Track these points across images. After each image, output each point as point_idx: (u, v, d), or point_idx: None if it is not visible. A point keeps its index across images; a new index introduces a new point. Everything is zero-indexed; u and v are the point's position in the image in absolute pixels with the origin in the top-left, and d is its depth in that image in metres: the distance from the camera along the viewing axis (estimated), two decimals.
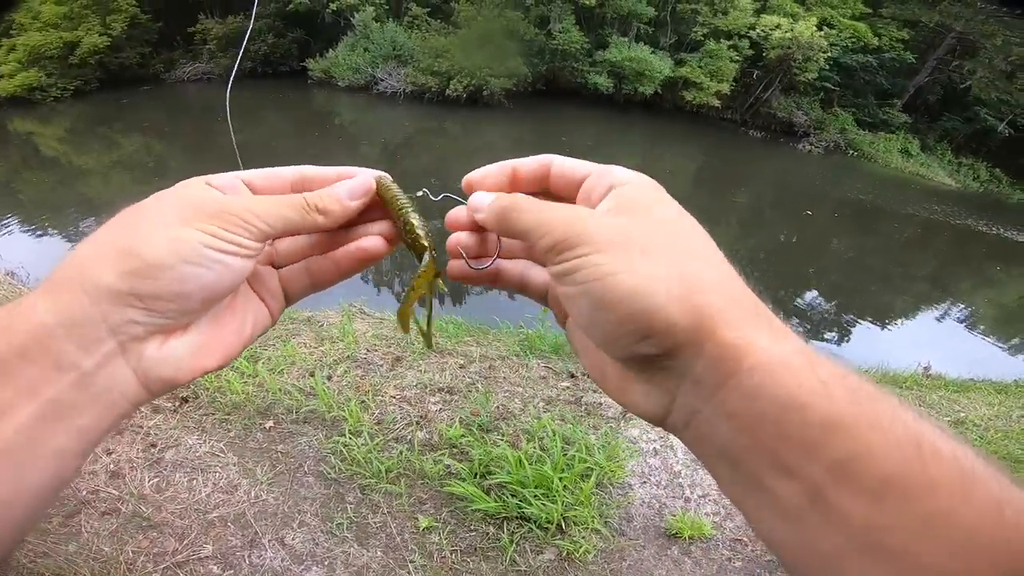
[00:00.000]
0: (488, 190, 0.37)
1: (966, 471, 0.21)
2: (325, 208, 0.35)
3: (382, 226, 0.39)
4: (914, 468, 0.21)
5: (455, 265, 0.38)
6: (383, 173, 0.39)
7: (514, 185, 0.37)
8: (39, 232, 7.63)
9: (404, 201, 0.37)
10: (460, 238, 0.38)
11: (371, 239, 0.38)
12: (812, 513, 0.23)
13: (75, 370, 0.27)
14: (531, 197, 0.34)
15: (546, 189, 0.37)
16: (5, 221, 7.89)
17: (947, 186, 16.84)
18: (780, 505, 0.24)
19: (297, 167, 0.38)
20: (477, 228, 0.38)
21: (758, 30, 16.28)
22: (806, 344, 0.27)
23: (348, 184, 0.37)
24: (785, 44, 15.85)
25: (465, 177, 0.38)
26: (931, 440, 0.22)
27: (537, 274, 0.38)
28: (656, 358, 0.28)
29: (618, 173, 0.33)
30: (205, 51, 15.86)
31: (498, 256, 0.38)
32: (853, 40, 16.70)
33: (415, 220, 0.37)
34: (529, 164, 0.37)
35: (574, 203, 0.35)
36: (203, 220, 0.31)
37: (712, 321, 0.26)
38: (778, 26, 15.97)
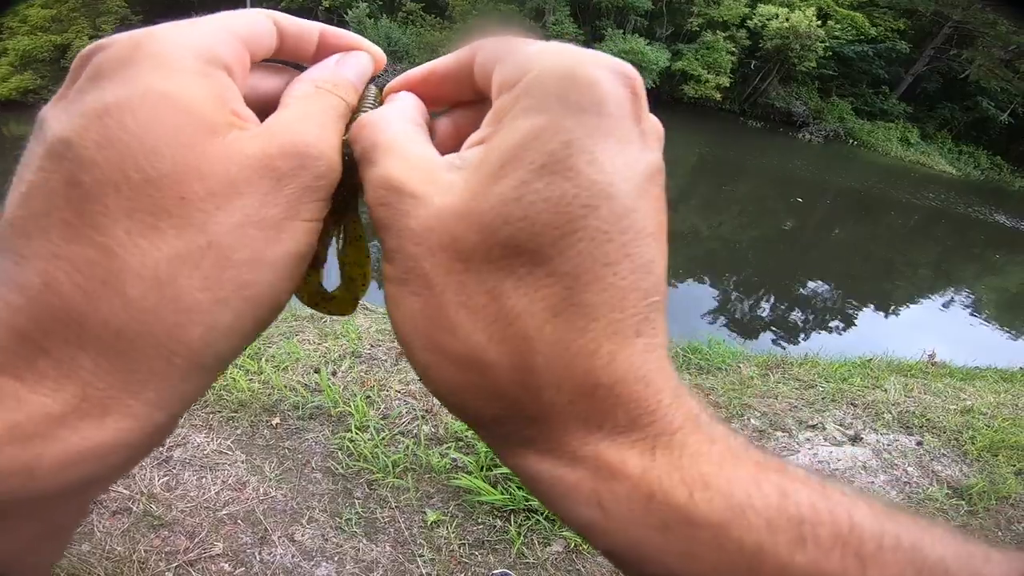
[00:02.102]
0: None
1: None
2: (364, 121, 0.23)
3: None
4: None
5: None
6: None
7: (431, 93, 0.25)
8: None
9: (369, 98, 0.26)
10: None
11: None
12: None
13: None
14: (383, 125, 0.22)
15: (478, 94, 0.24)
16: None
17: (948, 174, 16.83)
18: None
19: (267, 13, 0.23)
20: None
21: (755, 19, 16.24)
22: (659, 427, 0.19)
23: (350, 68, 0.25)
24: (783, 34, 15.80)
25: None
26: (778, 563, 0.17)
27: None
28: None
29: (520, 60, 0.20)
30: None
31: None
32: (851, 30, 16.65)
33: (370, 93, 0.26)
34: (448, 60, 0.25)
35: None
36: (301, 203, 0.20)
37: (472, 410, 0.20)
38: (775, 16, 15.92)
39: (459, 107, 0.26)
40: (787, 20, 15.72)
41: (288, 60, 0.25)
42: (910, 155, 17.37)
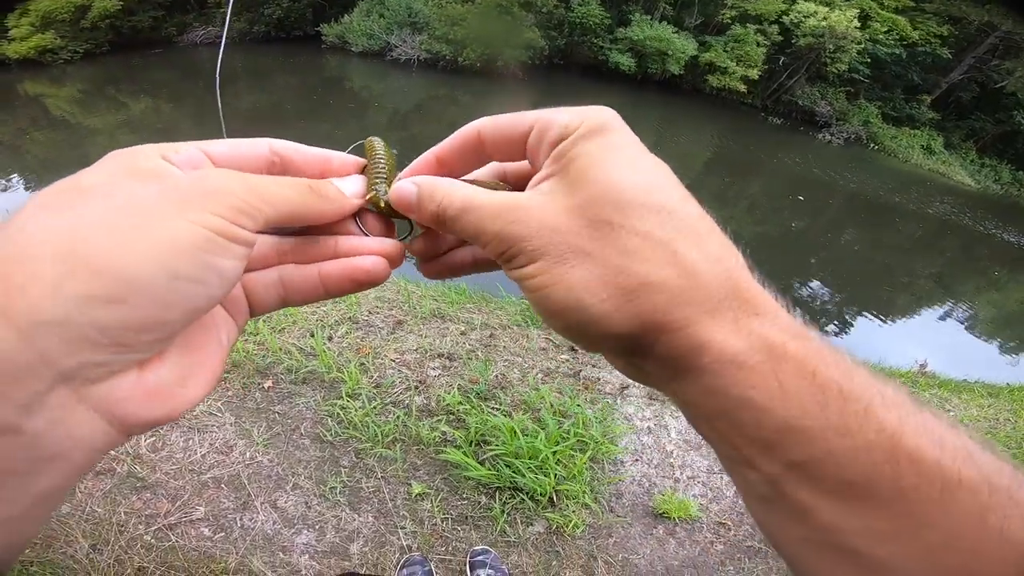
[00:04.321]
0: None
1: (949, 478, 0.20)
2: (327, 194, 0.29)
3: (384, 244, 0.31)
4: (883, 474, 0.20)
5: (426, 268, 0.34)
6: (373, 138, 0.33)
7: (446, 171, 0.32)
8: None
9: (382, 168, 0.32)
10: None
11: (372, 260, 0.31)
12: (777, 502, 0.23)
13: (13, 433, 0.19)
14: (461, 191, 0.28)
15: (488, 160, 0.32)
16: (11, 179, 7.92)
17: (966, 186, 16.51)
18: (752, 489, 0.24)
19: (269, 141, 0.30)
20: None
21: (791, 16, 15.79)
22: (787, 322, 0.24)
23: (345, 181, 0.31)
24: (818, 32, 15.37)
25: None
26: (912, 445, 0.20)
27: None
28: (612, 351, 0.27)
29: (562, 122, 0.27)
30: (219, 14, 15.57)
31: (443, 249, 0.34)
32: (890, 34, 16.17)
33: (379, 169, 0.32)
34: (454, 142, 0.31)
35: (524, 164, 0.31)
36: (198, 207, 0.22)
37: (657, 323, 0.24)
38: (813, 13, 15.47)
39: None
40: (825, 19, 15.27)
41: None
42: (930, 163, 17.00)
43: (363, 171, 0.33)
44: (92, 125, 10.47)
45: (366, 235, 0.32)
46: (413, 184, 0.30)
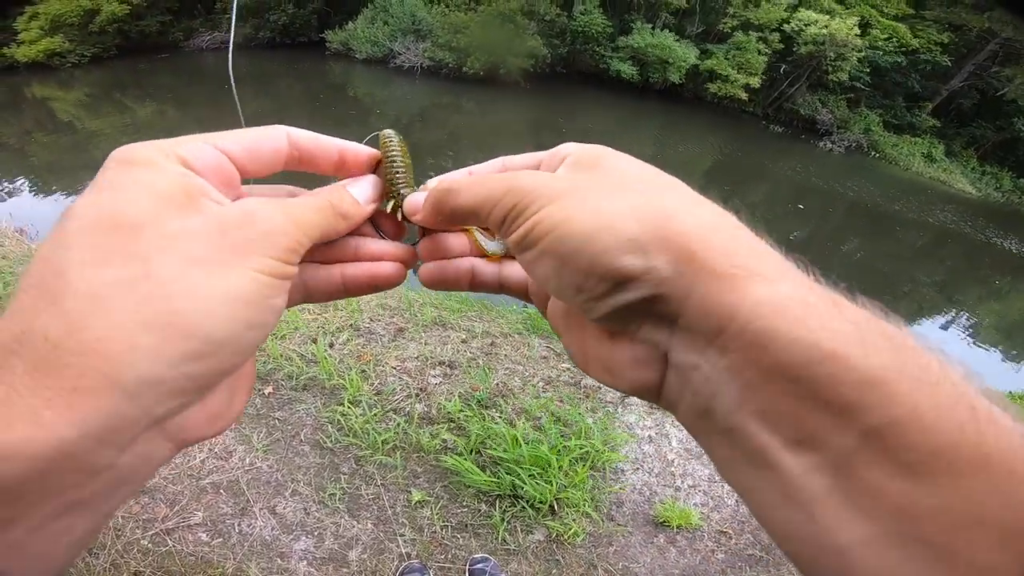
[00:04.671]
0: None
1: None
2: (347, 213, 0.30)
3: (400, 249, 0.33)
4: (968, 438, 0.17)
5: (424, 271, 0.34)
6: (387, 131, 0.33)
7: None
8: (49, 192, 7.70)
9: (400, 169, 0.33)
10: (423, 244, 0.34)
11: (391, 266, 0.32)
12: (831, 496, 0.18)
13: (109, 470, 0.21)
14: (466, 173, 0.31)
15: None
16: (16, 182, 7.97)
17: (967, 194, 16.51)
18: (792, 487, 0.19)
19: (287, 130, 0.30)
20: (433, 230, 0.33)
21: (792, 24, 15.87)
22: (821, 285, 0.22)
23: (359, 187, 0.32)
24: (819, 40, 15.45)
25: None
26: (986, 405, 0.17)
27: (514, 271, 0.34)
28: (639, 306, 0.23)
29: (565, 149, 0.29)
30: (225, 20, 15.71)
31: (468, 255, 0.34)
32: (891, 41, 16.24)
33: (400, 176, 0.33)
34: (484, 166, 0.33)
35: None
36: (255, 253, 0.23)
37: (696, 250, 0.21)
38: (814, 21, 15.55)
39: None
40: (826, 27, 15.35)
41: (313, 172, 0.32)
42: (931, 171, 17.01)
43: (376, 167, 0.33)
44: (97, 129, 10.53)
45: (381, 237, 0.33)
46: (424, 190, 0.32)
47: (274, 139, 0.29)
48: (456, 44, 14.57)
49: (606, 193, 0.24)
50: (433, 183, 0.32)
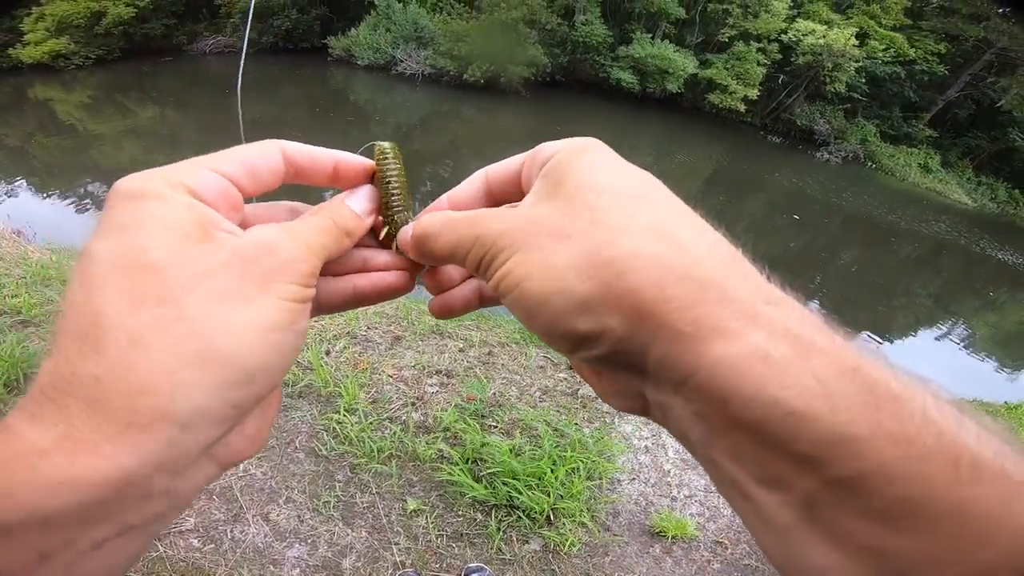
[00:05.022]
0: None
1: (1012, 489, 0.17)
2: (350, 229, 0.30)
3: (405, 259, 0.33)
4: (941, 488, 0.17)
5: (432, 305, 0.34)
6: (383, 144, 0.33)
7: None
8: (48, 194, 7.70)
9: (396, 190, 0.33)
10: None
11: (397, 275, 0.33)
12: (803, 528, 0.19)
13: (164, 496, 0.23)
14: (441, 214, 0.29)
15: (496, 202, 0.32)
16: (15, 183, 7.97)
17: (963, 204, 16.61)
18: (765, 516, 0.20)
19: (280, 145, 0.29)
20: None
21: (790, 34, 16.02)
22: (808, 315, 0.21)
23: (356, 200, 0.32)
24: (816, 51, 15.58)
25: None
26: (973, 452, 0.17)
27: None
28: (604, 357, 0.23)
29: (546, 151, 0.28)
30: (229, 24, 15.82)
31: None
32: (888, 51, 16.40)
33: (397, 201, 0.33)
34: (465, 186, 0.33)
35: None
36: (279, 282, 0.24)
37: (650, 308, 0.20)
38: (812, 31, 15.69)
39: None
40: (823, 36, 15.49)
41: (309, 185, 0.32)
42: (927, 182, 17.12)
43: (372, 177, 0.33)
44: (99, 131, 10.56)
45: (381, 247, 0.34)
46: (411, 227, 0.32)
47: (271, 159, 0.29)
48: (457, 52, 14.67)
49: (561, 240, 0.23)
50: (409, 226, 0.31)
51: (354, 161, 0.32)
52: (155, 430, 0.21)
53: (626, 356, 0.22)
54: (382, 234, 0.33)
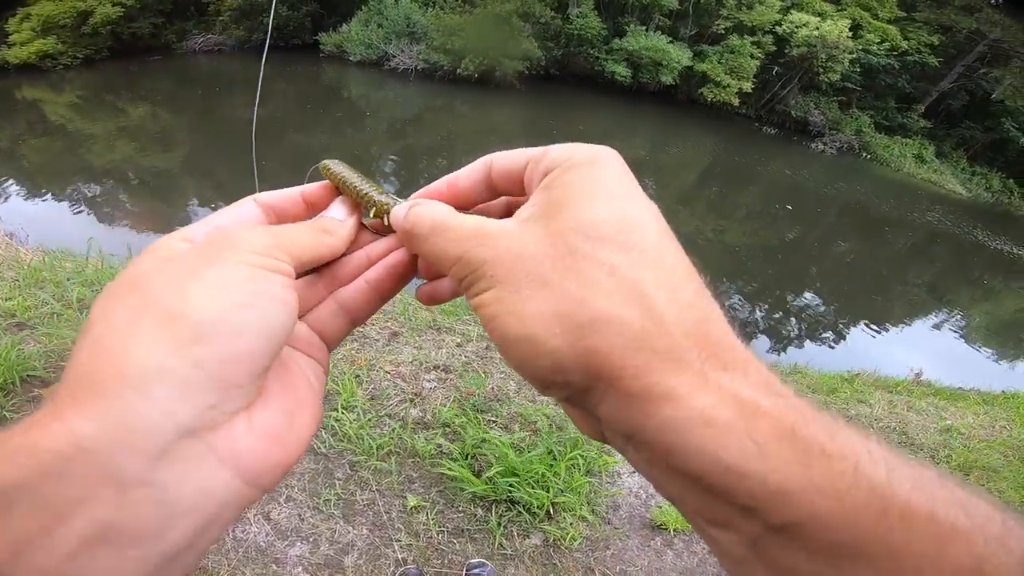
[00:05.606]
0: None
1: (943, 532, 0.19)
2: (328, 227, 0.31)
3: (389, 241, 0.34)
4: (873, 534, 0.19)
5: (420, 292, 0.35)
6: (323, 161, 0.35)
7: (457, 199, 0.32)
8: (39, 196, 7.63)
9: (355, 178, 0.34)
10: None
11: (402, 253, 0.33)
12: (755, 562, 0.21)
13: (144, 487, 0.20)
14: (432, 212, 0.29)
15: (496, 193, 0.33)
16: (6, 185, 7.90)
17: (957, 194, 16.69)
18: (722, 550, 0.22)
19: (253, 197, 0.32)
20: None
21: (784, 26, 16.00)
22: (761, 378, 0.22)
23: (331, 210, 0.34)
24: (810, 43, 15.58)
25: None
26: (903, 501, 0.19)
27: None
28: (568, 400, 0.25)
29: (552, 155, 0.27)
30: (218, 22, 15.66)
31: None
32: (883, 45, 16.41)
33: (366, 187, 0.34)
34: (468, 172, 0.32)
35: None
36: (234, 251, 0.25)
37: (610, 368, 0.22)
38: (806, 23, 15.69)
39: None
40: (817, 28, 15.48)
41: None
42: (922, 172, 17.19)
43: (337, 193, 0.35)
44: (90, 131, 10.45)
45: (379, 235, 0.35)
46: (406, 205, 0.31)
47: (246, 207, 0.31)
48: (451, 46, 14.58)
49: (539, 287, 0.24)
50: (403, 208, 0.31)
51: (313, 185, 0.35)
52: (112, 392, 0.20)
53: (583, 404, 0.24)
54: (370, 220, 0.34)
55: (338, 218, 0.33)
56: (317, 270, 0.33)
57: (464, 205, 0.32)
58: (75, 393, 0.21)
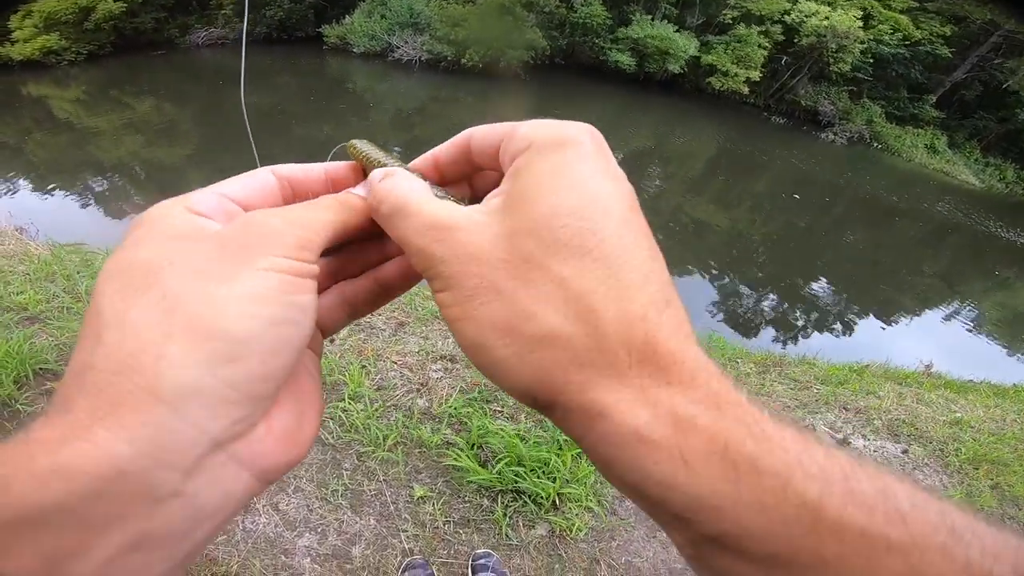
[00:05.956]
0: None
1: (876, 545, 0.19)
2: (354, 204, 0.29)
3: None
4: (804, 546, 0.19)
5: None
6: (352, 141, 0.33)
7: (439, 176, 0.31)
8: (48, 191, 7.70)
9: (381, 155, 0.32)
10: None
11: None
12: (700, 562, 0.22)
13: (176, 499, 0.21)
14: (397, 191, 0.27)
15: (478, 169, 0.31)
16: (15, 181, 7.97)
17: (970, 185, 16.44)
18: (679, 548, 0.23)
19: (272, 168, 0.30)
20: None
21: (793, 15, 15.75)
22: (702, 393, 0.22)
23: (358, 189, 0.31)
24: (820, 32, 15.33)
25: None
26: (835, 516, 0.19)
27: None
28: (522, 400, 0.25)
29: (520, 135, 0.26)
30: (220, 16, 15.64)
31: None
32: (895, 34, 16.11)
33: (392, 163, 0.32)
34: (449, 146, 0.31)
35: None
36: (260, 254, 0.24)
37: (555, 382, 0.22)
38: (815, 13, 15.43)
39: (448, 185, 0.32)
40: (827, 18, 15.23)
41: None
42: (934, 163, 16.93)
43: (364, 173, 0.33)
44: (96, 126, 10.51)
45: None
46: (379, 173, 0.29)
47: (261, 176, 0.30)
48: (455, 37, 14.48)
49: (492, 294, 0.23)
50: (376, 176, 0.29)
51: (340, 164, 0.33)
52: (144, 411, 0.20)
53: (536, 408, 0.25)
54: None
55: (359, 193, 0.31)
56: (327, 253, 0.31)
57: (446, 182, 0.31)
58: (98, 406, 0.20)
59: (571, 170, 0.24)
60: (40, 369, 2.02)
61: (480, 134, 0.29)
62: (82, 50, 13.45)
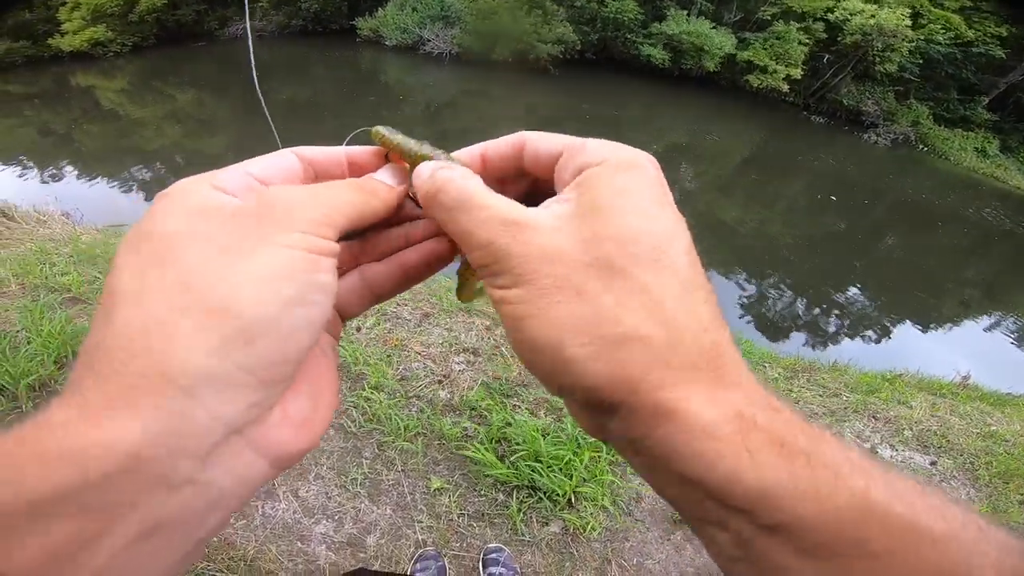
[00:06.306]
0: None
1: (922, 535, 0.20)
2: (376, 190, 0.29)
3: (431, 224, 0.32)
4: (854, 536, 0.20)
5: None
6: (376, 127, 0.33)
7: (485, 174, 0.31)
8: (92, 178, 8.04)
9: (414, 145, 0.32)
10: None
11: (439, 242, 0.32)
12: (748, 561, 0.23)
13: (192, 485, 0.21)
14: (460, 184, 0.27)
15: (523, 174, 0.31)
16: (62, 167, 8.34)
17: (1022, 191, 15.58)
18: (722, 549, 0.24)
19: (295, 150, 0.30)
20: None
21: (837, 13, 15.16)
22: (757, 395, 0.24)
23: (381, 174, 0.32)
24: (865, 31, 14.72)
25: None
26: (883, 507, 0.21)
27: None
28: (577, 403, 0.26)
29: (591, 150, 0.27)
30: (258, 9, 16.01)
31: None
32: (946, 33, 15.33)
33: (416, 146, 0.31)
34: (500, 144, 0.31)
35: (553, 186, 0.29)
36: (281, 230, 0.23)
37: (633, 380, 0.23)
38: (860, 11, 14.82)
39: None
40: (873, 16, 14.61)
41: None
42: (984, 167, 16.09)
43: (386, 158, 0.33)
44: (140, 116, 10.92)
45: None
46: (433, 164, 0.29)
47: (284, 157, 0.30)
48: (485, 30, 14.47)
49: (572, 295, 0.24)
50: (430, 167, 0.29)
51: (363, 148, 0.32)
52: (157, 394, 0.20)
53: (596, 406, 0.25)
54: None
55: (386, 181, 0.31)
56: (350, 237, 0.31)
57: (489, 181, 0.30)
58: (110, 389, 0.20)
59: (641, 192, 0.26)
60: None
61: (536, 140, 0.30)
62: (127, 42, 14.00)
